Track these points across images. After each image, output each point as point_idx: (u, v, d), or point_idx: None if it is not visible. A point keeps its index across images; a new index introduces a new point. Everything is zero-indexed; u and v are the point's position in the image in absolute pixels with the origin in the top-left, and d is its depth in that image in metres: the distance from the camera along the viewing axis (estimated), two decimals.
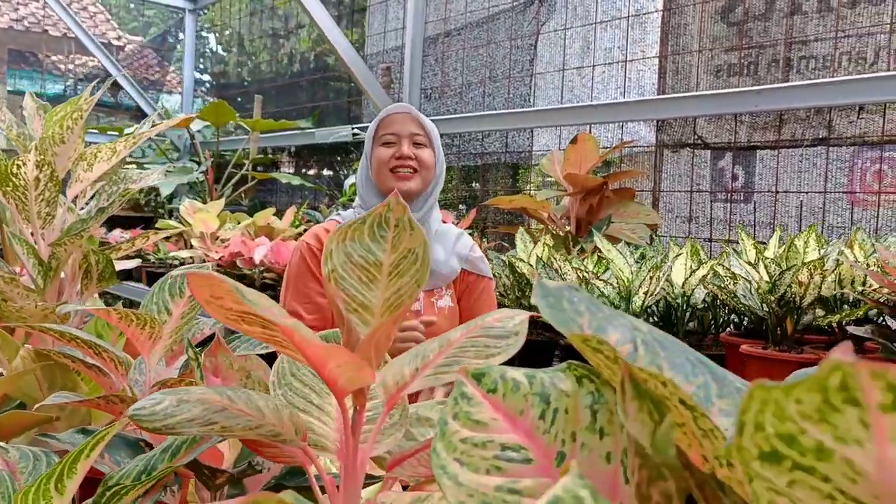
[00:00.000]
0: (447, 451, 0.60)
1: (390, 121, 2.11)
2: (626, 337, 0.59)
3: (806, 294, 1.88)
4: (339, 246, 0.86)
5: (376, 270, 0.86)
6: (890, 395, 0.27)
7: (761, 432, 0.31)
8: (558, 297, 0.61)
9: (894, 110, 2.67)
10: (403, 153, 2.06)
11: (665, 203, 3.38)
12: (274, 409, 0.82)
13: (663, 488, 0.45)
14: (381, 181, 2.07)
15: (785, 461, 0.32)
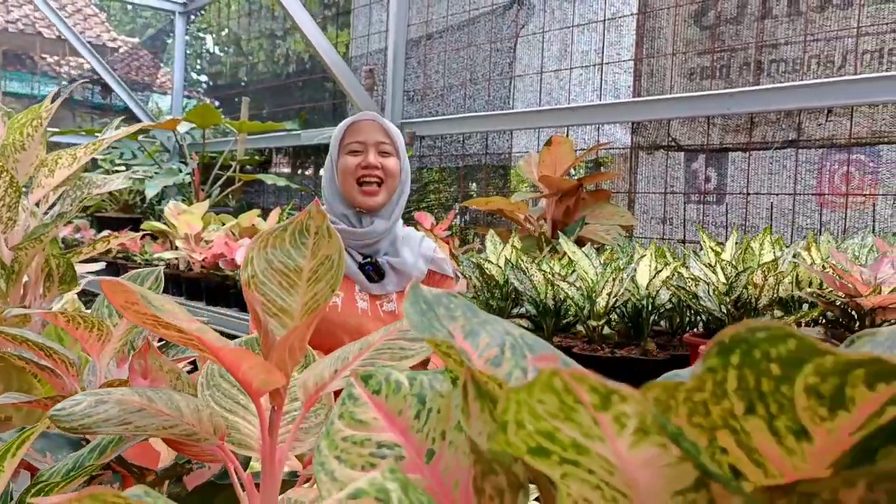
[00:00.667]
0: (329, 449, 0.63)
1: (357, 129, 2.13)
2: (496, 341, 0.62)
3: (761, 295, 1.92)
4: (259, 252, 0.89)
5: (296, 276, 0.89)
6: (596, 395, 0.31)
7: (523, 430, 0.34)
8: (433, 304, 0.64)
9: (861, 113, 2.70)
10: (370, 162, 2.09)
11: (640, 205, 3.41)
12: (194, 410, 0.84)
13: (495, 482, 0.49)
14: (347, 191, 2.11)
15: (553, 456, 0.35)
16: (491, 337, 0.63)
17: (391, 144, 2.13)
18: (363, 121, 2.14)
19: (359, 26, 5.19)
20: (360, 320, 2.08)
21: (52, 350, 1.20)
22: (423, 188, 4.51)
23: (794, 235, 2.87)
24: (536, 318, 2.47)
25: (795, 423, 0.32)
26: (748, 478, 0.35)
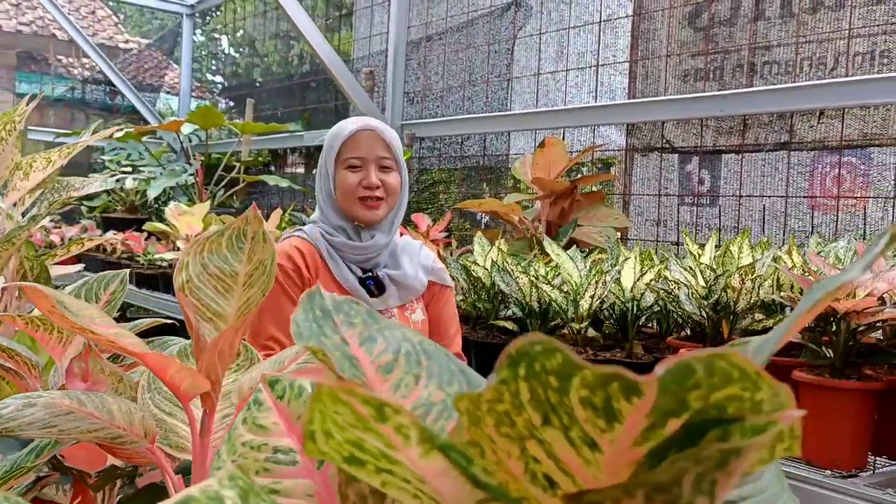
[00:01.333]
0: (228, 454, 0.64)
1: (356, 142, 2.01)
2: (392, 348, 0.63)
3: (739, 299, 1.91)
4: (195, 257, 0.90)
5: (232, 281, 0.90)
6: (370, 407, 0.31)
7: (333, 439, 0.35)
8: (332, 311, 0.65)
9: (853, 115, 2.69)
10: (371, 182, 1.99)
11: (635, 206, 3.41)
12: (126, 413, 0.85)
13: (357, 489, 0.49)
14: (347, 207, 2.02)
15: (368, 465, 0.36)
16: (388, 344, 0.64)
17: (392, 158, 2.03)
18: (362, 132, 2.02)
19: (361, 28, 5.21)
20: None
21: (14, 352, 1.21)
22: (422, 190, 4.52)
23: (787, 238, 2.86)
24: (522, 320, 2.47)
25: (585, 434, 0.33)
26: (561, 486, 0.36)
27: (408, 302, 2.07)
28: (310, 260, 2.01)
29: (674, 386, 0.29)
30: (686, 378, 0.30)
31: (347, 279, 2.01)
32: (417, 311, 2.08)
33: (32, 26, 12.64)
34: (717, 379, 0.30)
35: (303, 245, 2.03)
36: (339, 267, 2.02)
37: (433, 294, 2.13)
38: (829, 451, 1.72)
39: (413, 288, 2.07)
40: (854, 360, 1.75)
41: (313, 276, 2.01)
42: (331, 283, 2.02)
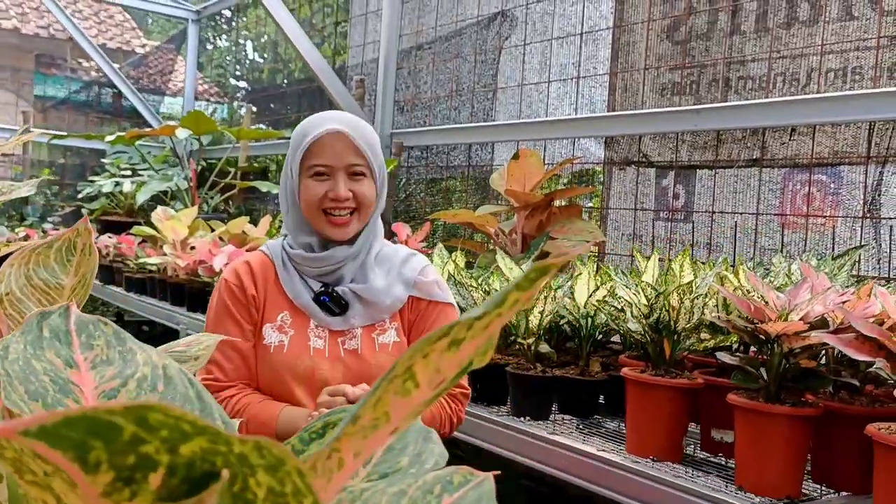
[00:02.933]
0: None
1: (320, 147, 1.72)
2: (127, 371, 0.60)
3: (679, 318, 1.86)
4: (20, 268, 0.87)
5: (57, 294, 0.88)
6: None
7: None
8: (71, 330, 0.62)
9: (824, 133, 2.63)
10: (338, 194, 1.71)
11: (612, 220, 3.36)
12: None
13: None
14: (313, 220, 1.76)
15: None
16: (124, 367, 0.61)
17: (364, 164, 1.74)
18: (330, 135, 1.71)
19: (355, 36, 5.20)
20: (314, 362, 1.73)
21: None
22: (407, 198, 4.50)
23: (757, 256, 2.80)
24: None
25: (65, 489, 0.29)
26: None
27: (377, 321, 1.80)
28: (259, 276, 1.80)
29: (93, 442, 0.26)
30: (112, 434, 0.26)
31: (300, 295, 1.78)
32: (389, 331, 1.80)
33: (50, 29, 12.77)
34: (168, 433, 0.27)
35: (257, 260, 1.84)
36: (292, 282, 1.79)
37: (418, 312, 1.83)
38: (761, 477, 1.67)
39: (383, 305, 1.78)
40: (789, 384, 1.70)
41: (260, 294, 1.79)
42: (282, 299, 1.79)
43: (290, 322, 1.77)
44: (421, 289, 1.82)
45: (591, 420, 2.29)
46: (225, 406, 1.72)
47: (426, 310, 1.82)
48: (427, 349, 0.38)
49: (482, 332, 0.39)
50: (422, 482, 0.53)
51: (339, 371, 1.74)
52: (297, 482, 0.30)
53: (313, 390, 1.71)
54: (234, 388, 1.75)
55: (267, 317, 1.77)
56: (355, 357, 1.76)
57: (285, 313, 1.77)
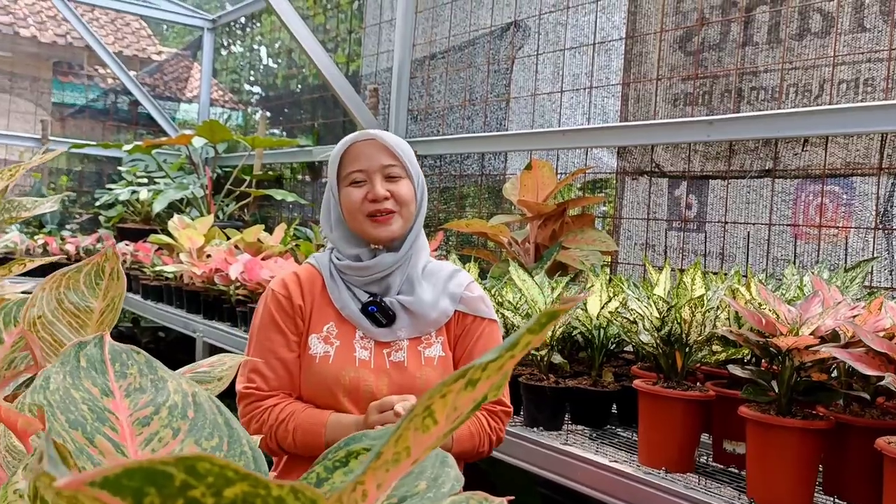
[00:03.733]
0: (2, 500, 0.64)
1: (354, 154, 1.79)
2: (159, 399, 0.63)
3: (690, 331, 1.88)
4: (51, 292, 0.90)
5: (87, 316, 0.91)
6: None
7: None
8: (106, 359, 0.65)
9: (836, 144, 2.64)
10: (377, 194, 1.75)
11: (625, 230, 3.38)
12: None
13: None
14: (357, 227, 1.80)
15: None
16: (156, 395, 0.64)
17: (399, 165, 1.79)
18: (360, 142, 1.79)
19: (369, 45, 5.24)
20: (359, 373, 1.75)
21: None
22: None
23: (770, 266, 2.81)
24: None
25: None
26: None
27: (423, 335, 1.82)
28: (307, 287, 1.83)
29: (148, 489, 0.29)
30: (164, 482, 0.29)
31: (347, 305, 1.80)
32: (435, 345, 1.82)
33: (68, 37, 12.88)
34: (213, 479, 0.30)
35: (304, 271, 1.88)
36: (339, 292, 1.81)
37: (464, 327, 1.85)
38: (773, 489, 1.69)
39: (429, 318, 1.80)
40: (800, 397, 1.71)
41: (307, 305, 1.82)
42: (329, 310, 1.82)
43: (335, 333, 1.79)
44: (467, 304, 1.85)
45: (603, 430, 2.31)
46: (268, 415, 1.74)
47: (471, 325, 1.85)
48: (445, 390, 0.41)
49: (497, 372, 0.42)
50: None
51: (385, 382, 1.76)
52: None
53: (358, 400, 1.73)
54: (276, 397, 1.77)
55: (313, 327, 1.79)
56: (401, 369, 1.78)
57: (331, 324, 1.79)
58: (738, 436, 1.90)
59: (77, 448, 0.54)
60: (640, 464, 1.95)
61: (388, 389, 1.75)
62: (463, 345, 1.84)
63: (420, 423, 0.41)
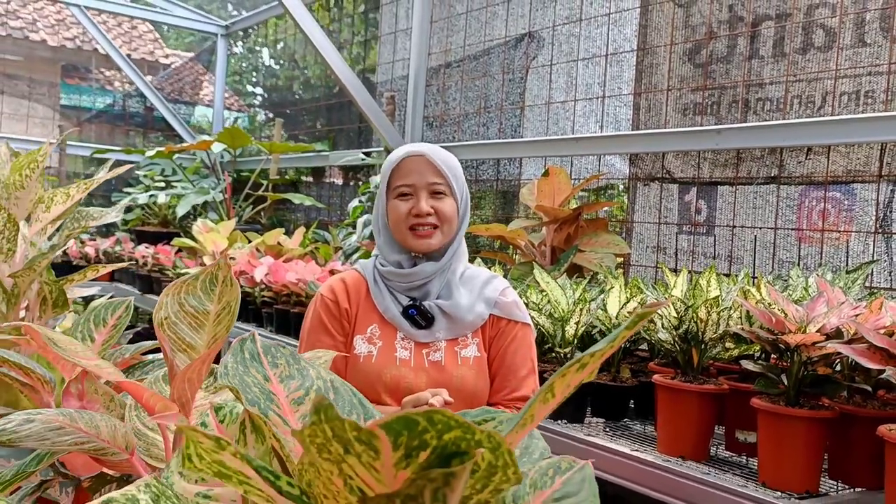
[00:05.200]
0: (176, 465, 0.80)
1: (405, 169, 1.91)
2: (306, 384, 0.79)
3: (706, 329, 2.04)
4: (173, 298, 1.06)
5: (204, 318, 1.06)
6: (210, 441, 0.46)
7: (203, 460, 0.50)
8: (262, 353, 0.81)
9: (838, 152, 2.80)
10: (421, 210, 1.88)
11: (637, 233, 3.53)
12: (111, 428, 1.02)
13: None
14: (400, 237, 1.93)
15: (232, 478, 0.51)
16: (303, 381, 0.80)
17: (444, 183, 1.90)
18: (411, 157, 1.91)
19: (384, 53, 5.40)
20: (400, 371, 1.87)
21: (30, 370, 1.38)
22: None
23: (776, 268, 2.97)
24: None
25: (366, 461, 0.48)
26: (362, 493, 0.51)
27: (460, 336, 1.93)
28: (353, 292, 1.97)
29: (405, 431, 0.44)
30: (415, 426, 0.45)
31: (389, 309, 1.93)
32: (471, 346, 1.93)
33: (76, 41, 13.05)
34: (441, 426, 0.45)
35: (351, 277, 2.01)
36: (382, 297, 1.95)
37: (498, 330, 1.95)
38: (782, 474, 1.84)
39: (466, 321, 1.91)
40: (807, 389, 1.87)
41: (353, 308, 1.96)
42: (373, 313, 1.95)
43: (378, 334, 1.93)
44: (502, 308, 1.95)
45: (621, 423, 2.47)
46: None
47: (505, 328, 1.95)
48: (565, 371, 0.56)
49: (600, 358, 0.57)
50: (538, 467, 0.71)
51: (423, 380, 1.88)
52: (507, 458, 0.48)
53: (399, 397, 1.87)
54: None
55: (358, 329, 1.94)
56: (438, 368, 1.89)
57: (374, 326, 1.94)
58: (749, 426, 2.05)
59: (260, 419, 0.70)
60: (660, 452, 2.11)
61: (426, 386, 1.88)
62: (497, 346, 1.94)
63: (543, 396, 0.57)
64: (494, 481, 0.49)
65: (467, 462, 0.46)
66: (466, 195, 1.99)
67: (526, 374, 1.93)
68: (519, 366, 1.93)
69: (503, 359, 1.92)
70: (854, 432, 1.87)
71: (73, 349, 0.89)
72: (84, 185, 1.80)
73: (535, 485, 0.71)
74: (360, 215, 4.63)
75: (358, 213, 4.67)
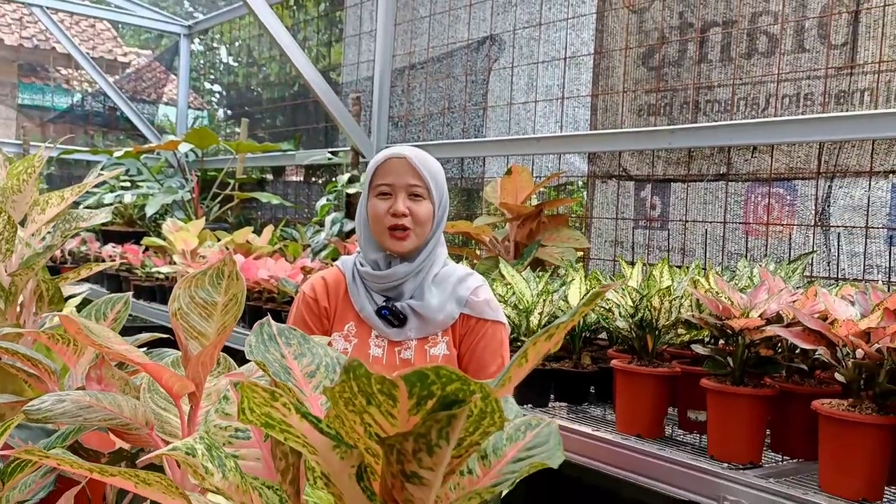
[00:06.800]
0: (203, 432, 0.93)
1: (386, 169, 1.99)
2: (316, 361, 0.92)
3: (660, 317, 2.21)
4: (185, 290, 1.18)
5: (212, 308, 1.19)
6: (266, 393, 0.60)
7: (254, 412, 0.64)
8: (277, 335, 0.94)
9: (781, 151, 2.99)
10: (397, 210, 1.95)
11: (596, 228, 3.70)
12: (131, 408, 1.14)
13: (282, 449, 0.78)
14: (377, 236, 2.01)
15: (275, 427, 0.65)
16: (314, 358, 0.93)
17: (423, 186, 1.98)
18: (393, 159, 1.99)
19: (349, 55, 5.51)
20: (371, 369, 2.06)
21: (37, 361, 1.49)
22: None
23: (725, 260, 3.16)
24: None
25: (385, 409, 0.62)
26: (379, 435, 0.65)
27: (430, 335, 2.01)
28: (332, 290, 2.07)
29: (418, 383, 0.58)
30: (426, 378, 0.59)
31: (364, 308, 2.01)
32: (440, 345, 2.01)
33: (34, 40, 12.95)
34: (444, 379, 0.59)
35: (332, 275, 2.11)
36: (359, 295, 2.03)
37: (468, 328, 2.02)
38: (728, 447, 2.01)
39: (436, 321, 1.99)
40: (751, 369, 2.04)
41: (332, 306, 2.06)
42: (350, 311, 2.05)
43: (354, 331, 2.04)
44: (473, 307, 2.02)
45: (582, 406, 2.63)
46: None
47: (475, 326, 2.02)
48: (536, 339, 0.71)
49: (564, 329, 0.72)
50: (513, 424, 0.86)
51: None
52: (494, 405, 0.63)
53: None
54: None
55: (336, 326, 2.06)
56: (408, 366, 1.98)
57: (351, 324, 2.05)
58: (700, 406, 2.22)
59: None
60: (618, 431, 2.27)
61: None
62: (467, 343, 2.02)
63: (519, 361, 0.71)
64: (484, 425, 0.64)
65: (465, 406, 0.60)
66: (446, 200, 2.07)
67: (495, 371, 2.00)
68: (488, 362, 1.99)
69: (472, 355, 2.00)
70: (793, 408, 2.05)
71: (105, 335, 1.01)
72: (77, 188, 1.91)
73: (510, 438, 0.85)
74: (327, 213, 4.75)
75: (326, 211, 4.79)
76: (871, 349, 1.77)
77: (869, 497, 1.77)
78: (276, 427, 0.65)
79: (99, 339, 1.00)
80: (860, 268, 2.77)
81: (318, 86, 4.71)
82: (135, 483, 0.72)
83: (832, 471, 1.81)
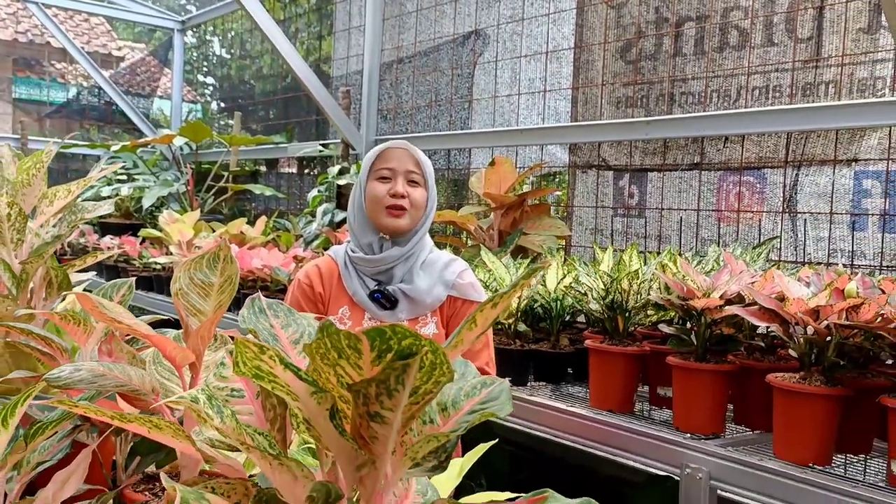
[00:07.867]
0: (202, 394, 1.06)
1: (388, 155, 2.15)
2: (300, 330, 1.06)
3: (629, 298, 2.35)
4: (185, 273, 1.32)
5: (209, 288, 1.32)
6: (256, 348, 0.74)
7: (246, 365, 0.78)
8: (266, 308, 1.08)
9: (751, 141, 3.13)
10: (398, 191, 2.10)
11: (576, 217, 3.85)
12: (140, 377, 1.28)
13: (269, 401, 0.92)
14: (374, 216, 2.14)
15: (264, 378, 0.79)
16: (297, 328, 1.07)
17: (420, 174, 2.15)
18: (394, 148, 2.16)
19: (339, 49, 5.64)
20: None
21: (50, 340, 1.63)
22: None
23: (699, 246, 3.30)
24: None
25: (353, 361, 0.75)
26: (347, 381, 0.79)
27: (420, 316, 2.16)
28: (326, 276, 2.21)
29: (378, 338, 0.72)
30: (385, 334, 0.73)
31: (357, 292, 2.15)
32: (430, 325, 2.17)
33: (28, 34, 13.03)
34: (400, 335, 0.73)
35: (324, 263, 2.25)
36: (351, 280, 2.17)
37: (455, 309, 2.18)
38: (692, 419, 2.16)
39: (425, 303, 2.13)
40: (713, 347, 2.19)
41: (326, 292, 2.19)
42: (343, 296, 2.18)
43: (348, 315, 2.18)
44: (458, 289, 2.18)
45: (560, 385, 2.77)
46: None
47: (461, 307, 2.19)
48: (482, 307, 0.84)
49: (507, 299, 0.86)
50: (470, 383, 1.00)
51: None
52: (443, 358, 0.76)
53: None
54: None
55: (330, 310, 2.19)
56: None
57: (345, 307, 2.19)
58: (668, 383, 2.36)
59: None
60: (592, 407, 2.42)
61: None
62: (454, 324, 2.17)
63: (468, 326, 0.85)
64: (435, 375, 0.77)
65: (417, 357, 0.74)
66: (434, 193, 2.23)
67: (480, 349, 2.15)
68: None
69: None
70: (753, 383, 2.19)
71: (117, 310, 1.15)
72: (83, 182, 2.05)
73: (468, 394, 0.99)
74: (319, 204, 4.88)
75: (317, 203, 4.92)
76: (820, 325, 1.91)
77: (818, 462, 1.92)
78: (265, 378, 0.78)
79: (112, 313, 1.14)
80: (825, 252, 2.92)
81: (309, 80, 4.84)
82: (148, 428, 0.85)
83: (784, 439, 1.96)
